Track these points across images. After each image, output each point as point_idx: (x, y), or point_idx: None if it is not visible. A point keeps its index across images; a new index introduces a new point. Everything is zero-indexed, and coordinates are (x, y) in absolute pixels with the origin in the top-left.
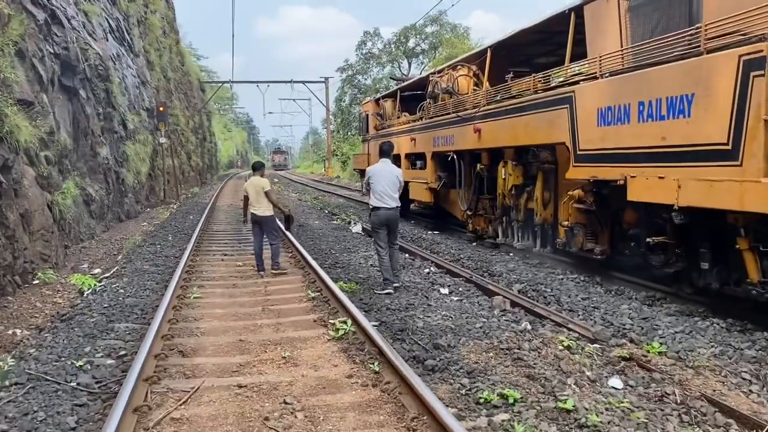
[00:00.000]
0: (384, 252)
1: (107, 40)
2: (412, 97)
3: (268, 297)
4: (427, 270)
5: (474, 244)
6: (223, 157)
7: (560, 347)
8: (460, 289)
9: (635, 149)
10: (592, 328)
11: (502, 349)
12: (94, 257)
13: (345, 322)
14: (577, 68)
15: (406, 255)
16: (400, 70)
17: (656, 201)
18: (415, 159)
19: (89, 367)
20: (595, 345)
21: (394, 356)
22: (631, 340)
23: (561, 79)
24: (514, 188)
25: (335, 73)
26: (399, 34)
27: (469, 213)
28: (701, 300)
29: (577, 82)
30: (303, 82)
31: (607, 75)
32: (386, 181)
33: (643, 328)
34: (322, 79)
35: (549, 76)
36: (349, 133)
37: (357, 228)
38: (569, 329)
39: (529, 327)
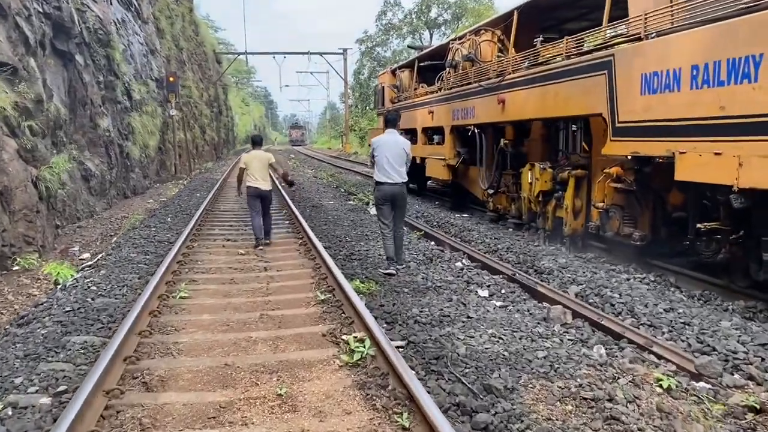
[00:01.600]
0: (388, 231)
1: (110, 4)
2: (431, 67)
3: (269, 298)
4: (459, 264)
5: (510, 229)
6: (240, 131)
7: (658, 389)
8: (503, 290)
9: (686, 121)
10: (693, 357)
11: (585, 398)
12: (89, 238)
13: (362, 341)
14: (616, 30)
15: (432, 243)
16: (421, 42)
17: (710, 181)
18: (432, 134)
19: (9, 413)
20: (701, 384)
21: (430, 406)
22: (751, 377)
23: (598, 42)
24: (542, 194)
25: (354, 45)
26: (420, 4)
27: (490, 192)
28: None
29: (617, 45)
30: (320, 54)
31: (653, 35)
32: (391, 154)
33: (764, 360)
34: (341, 51)
35: (584, 39)
36: (367, 107)
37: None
38: (659, 356)
39: (603, 353)
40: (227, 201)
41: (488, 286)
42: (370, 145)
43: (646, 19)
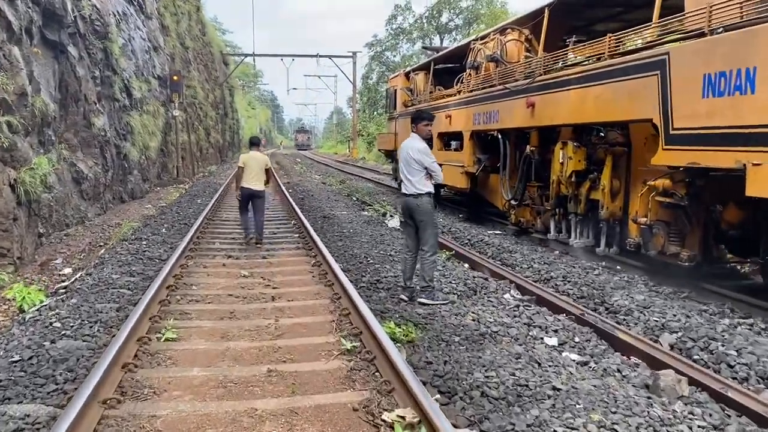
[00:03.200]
0: (406, 251)
1: None
2: (448, 70)
3: (278, 342)
4: (508, 296)
5: (556, 253)
6: (246, 134)
7: None
8: (576, 338)
9: (763, 128)
10: None
11: None
12: (75, 249)
13: (412, 428)
14: (669, 26)
15: (466, 266)
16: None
17: None
18: (449, 139)
19: None
20: None
21: None
22: None
23: (647, 40)
24: (575, 174)
25: (363, 49)
26: (432, 8)
27: (513, 203)
28: None
29: (672, 42)
30: (329, 57)
31: (720, 30)
32: (403, 160)
33: None
34: (350, 54)
35: (626, 38)
36: (375, 112)
37: (394, 222)
38: None
39: None
40: (231, 209)
41: (555, 330)
42: (380, 150)
43: (711, 11)
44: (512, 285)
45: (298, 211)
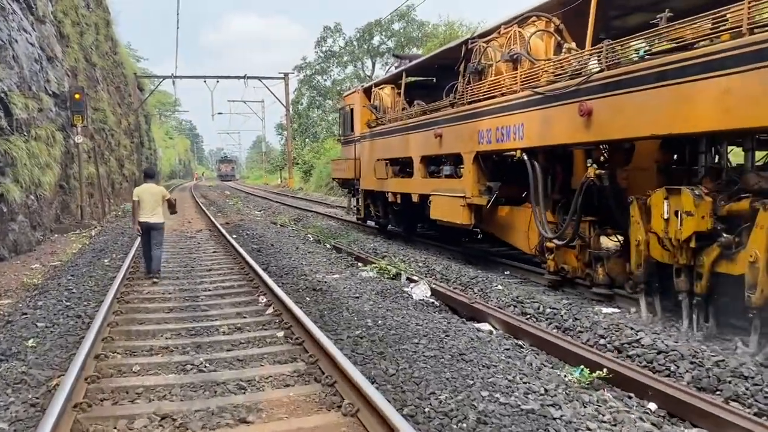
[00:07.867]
0: None
1: None
2: (422, 84)
3: None
4: None
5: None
6: (165, 166)
7: None
8: None
9: None
10: None
11: None
12: None
13: None
14: None
15: (638, 405)
16: (363, 71)
17: None
18: (437, 164)
19: None
20: None
21: None
22: None
23: None
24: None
25: (293, 71)
26: (363, 31)
27: (558, 243)
28: None
29: None
30: (259, 78)
31: None
32: None
33: None
34: (281, 75)
35: None
36: (306, 139)
37: (421, 290)
38: None
39: None
40: (164, 274)
41: None
42: (335, 179)
43: None
44: None
45: (264, 276)
